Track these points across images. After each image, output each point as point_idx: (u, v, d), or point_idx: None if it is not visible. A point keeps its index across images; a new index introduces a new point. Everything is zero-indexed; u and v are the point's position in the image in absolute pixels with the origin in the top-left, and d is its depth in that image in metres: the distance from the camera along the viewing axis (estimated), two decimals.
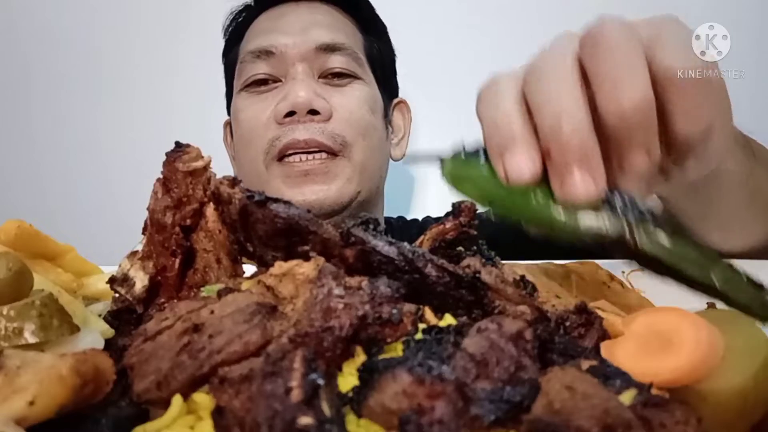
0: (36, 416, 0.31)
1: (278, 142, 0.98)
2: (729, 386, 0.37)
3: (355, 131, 1.02)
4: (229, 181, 0.48)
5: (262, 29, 1.07)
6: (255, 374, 0.32)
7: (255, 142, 1.01)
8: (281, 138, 0.98)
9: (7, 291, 0.39)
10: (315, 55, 1.02)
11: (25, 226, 0.49)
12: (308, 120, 0.98)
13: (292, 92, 0.98)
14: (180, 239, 0.48)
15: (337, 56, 1.03)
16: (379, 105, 1.11)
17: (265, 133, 1.00)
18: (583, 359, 0.37)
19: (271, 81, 1.04)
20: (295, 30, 1.03)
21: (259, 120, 1.02)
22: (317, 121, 0.98)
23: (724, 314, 0.44)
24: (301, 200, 0.95)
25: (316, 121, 0.98)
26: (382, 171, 1.13)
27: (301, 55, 1.02)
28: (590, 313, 0.44)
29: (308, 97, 0.97)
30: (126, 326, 0.47)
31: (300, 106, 0.97)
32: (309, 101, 0.97)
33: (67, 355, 0.34)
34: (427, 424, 0.30)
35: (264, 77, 1.04)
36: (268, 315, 0.37)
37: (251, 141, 1.02)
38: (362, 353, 0.36)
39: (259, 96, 1.04)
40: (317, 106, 0.98)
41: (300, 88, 0.98)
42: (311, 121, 0.98)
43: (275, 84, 1.04)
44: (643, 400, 0.32)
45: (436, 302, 0.43)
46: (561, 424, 0.30)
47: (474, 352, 0.34)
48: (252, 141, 1.02)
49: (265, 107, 1.02)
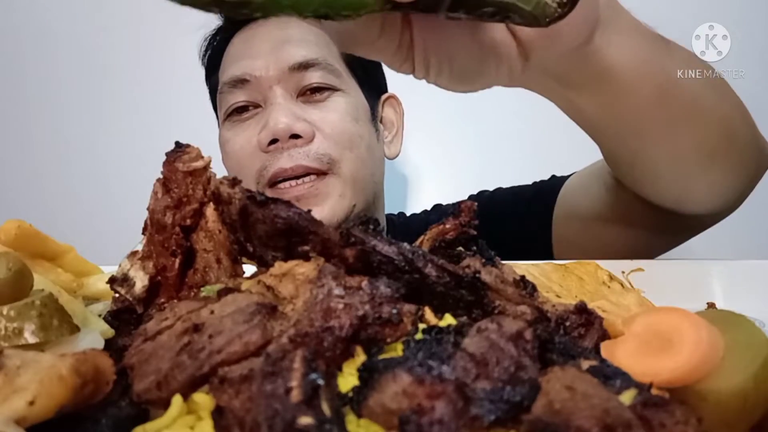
0: (36, 416, 0.31)
1: (266, 171, 0.99)
2: (729, 386, 0.37)
3: (341, 146, 1.01)
4: (229, 181, 0.48)
5: (235, 56, 1.06)
6: (255, 374, 0.33)
7: (244, 172, 1.01)
8: (268, 168, 0.98)
9: (7, 291, 0.39)
10: (290, 75, 1.01)
11: (25, 226, 0.49)
12: (291, 146, 0.97)
13: (271, 119, 0.97)
14: (180, 239, 0.48)
15: (312, 72, 1.02)
16: (364, 110, 1.10)
17: (252, 164, 1.00)
18: (583, 359, 0.37)
19: (251, 107, 1.04)
20: (266, 51, 1.02)
21: (245, 150, 1.02)
22: (300, 145, 0.98)
23: (724, 314, 0.44)
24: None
25: (299, 146, 0.98)
26: (376, 177, 1.11)
27: (276, 77, 1.01)
28: (590, 313, 0.44)
29: (288, 122, 0.96)
30: (126, 326, 0.46)
31: (280, 133, 0.96)
32: (289, 127, 0.96)
33: (67, 355, 0.34)
34: (427, 424, 0.30)
35: (243, 104, 1.04)
36: (268, 315, 0.37)
37: (240, 171, 1.02)
38: (362, 353, 0.36)
39: (242, 125, 1.04)
40: (298, 130, 0.97)
41: (279, 114, 0.97)
42: (294, 147, 0.98)
43: (256, 110, 1.04)
44: (643, 400, 0.32)
45: (436, 302, 0.43)
46: (561, 424, 0.30)
47: (474, 352, 0.34)
48: (241, 171, 1.02)
49: (249, 136, 1.02)
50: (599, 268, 0.62)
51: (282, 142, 0.97)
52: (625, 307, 0.55)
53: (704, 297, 0.62)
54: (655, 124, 0.66)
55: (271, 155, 0.98)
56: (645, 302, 0.58)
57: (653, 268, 0.66)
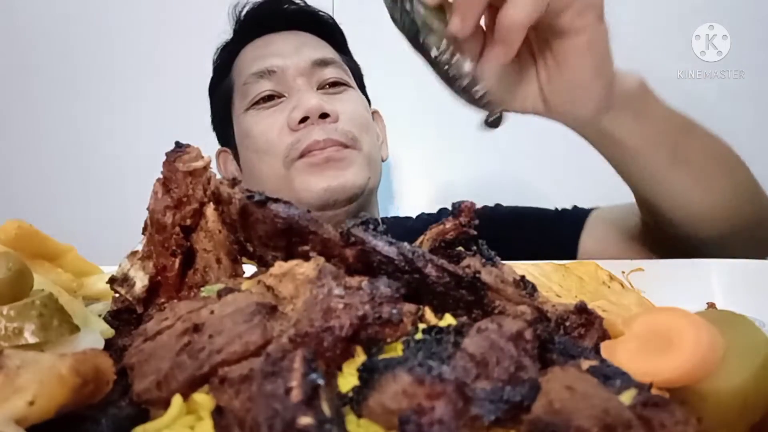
0: (36, 416, 0.31)
1: (299, 144, 1.08)
2: (729, 386, 0.37)
3: (360, 128, 1.14)
4: (229, 181, 0.48)
5: (257, 56, 1.19)
6: (255, 374, 0.32)
7: (273, 149, 1.11)
8: (301, 141, 1.08)
9: (7, 291, 0.39)
10: (311, 69, 1.15)
11: (25, 226, 0.49)
12: (320, 123, 1.09)
13: (303, 101, 1.10)
14: (180, 239, 0.48)
15: (330, 69, 1.17)
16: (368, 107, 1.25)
17: (281, 140, 1.11)
18: (583, 359, 0.37)
19: (275, 97, 1.15)
20: (289, 51, 1.17)
21: (274, 129, 1.12)
22: (328, 123, 1.09)
23: (724, 314, 0.44)
24: (324, 186, 1.07)
25: (327, 123, 1.09)
26: (380, 166, 1.24)
27: (300, 70, 1.14)
28: (590, 313, 0.44)
29: (318, 102, 1.09)
30: (126, 326, 0.47)
31: (313, 111, 1.08)
32: (320, 106, 1.09)
33: (67, 355, 0.33)
34: (427, 424, 0.30)
35: (269, 94, 1.15)
36: (268, 315, 0.37)
37: (269, 149, 1.12)
38: (362, 353, 0.36)
39: (267, 111, 1.15)
40: (327, 110, 1.09)
41: (309, 97, 1.10)
42: (323, 123, 1.09)
43: (279, 99, 1.15)
44: (643, 400, 0.32)
45: (436, 302, 0.43)
46: (561, 424, 0.30)
47: (474, 352, 0.34)
48: (270, 149, 1.12)
49: (276, 119, 1.13)
50: (599, 268, 0.62)
51: (312, 120, 1.09)
52: (625, 307, 0.55)
53: (704, 297, 0.62)
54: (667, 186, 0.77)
55: (301, 132, 1.09)
56: (645, 302, 0.58)
57: (653, 268, 0.66)
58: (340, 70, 1.19)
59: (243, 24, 1.26)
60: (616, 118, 0.69)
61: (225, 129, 1.26)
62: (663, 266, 0.68)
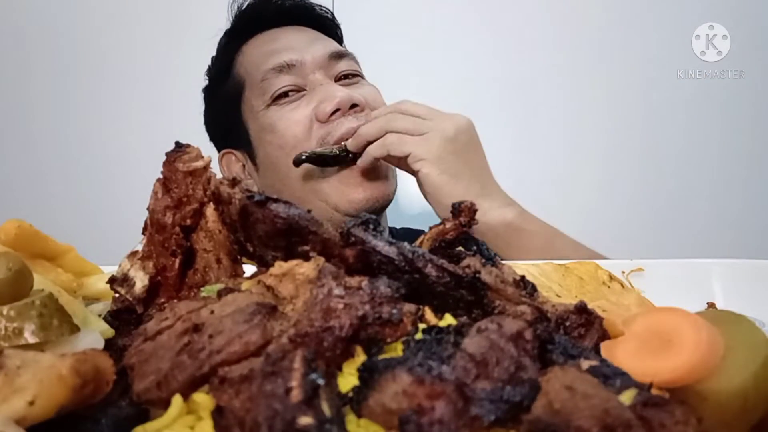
0: (36, 416, 0.31)
1: (331, 136, 1.09)
2: (729, 386, 0.37)
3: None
4: (229, 181, 0.48)
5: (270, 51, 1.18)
6: (255, 374, 0.32)
7: (301, 144, 1.11)
8: (333, 132, 1.09)
9: (7, 291, 0.39)
10: (328, 62, 1.16)
11: (25, 226, 0.49)
12: (350, 113, 1.10)
13: (330, 93, 1.10)
14: (180, 239, 0.48)
15: (345, 61, 1.19)
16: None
17: (310, 134, 1.11)
18: (583, 359, 0.37)
19: (294, 92, 1.15)
20: (303, 45, 1.17)
21: (301, 124, 1.12)
22: (358, 112, 1.11)
23: (724, 314, 0.44)
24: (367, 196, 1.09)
25: (357, 112, 1.11)
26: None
27: (318, 63, 1.15)
28: (590, 313, 0.44)
29: (348, 93, 1.10)
30: (126, 326, 0.46)
31: (343, 102, 1.09)
32: (350, 96, 1.10)
33: (67, 355, 0.34)
34: (427, 424, 0.30)
35: (289, 89, 1.15)
36: (268, 315, 0.37)
37: (297, 144, 1.11)
38: (362, 353, 0.36)
39: (290, 105, 1.14)
40: (357, 100, 1.11)
41: (336, 89, 1.12)
42: (353, 113, 1.10)
43: (300, 93, 1.15)
44: (643, 400, 0.32)
45: (436, 302, 0.43)
46: (561, 424, 0.30)
47: (474, 352, 0.34)
48: (297, 144, 1.11)
49: (301, 113, 1.13)
50: (599, 268, 0.62)
51: (342, 111, 1.10)
52: (625, 307, 0.55)
53: (704, 297, 0.62)
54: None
55: (334, 123, 1.10)
56: (645, 302, 0.58)
57: (653, 268, 0.66)
58: (353, 62, 1.21)
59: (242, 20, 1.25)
60: (485, 236, 0.92)
61: (231, 130, 1.23)
62: (663, 266, 0.68)
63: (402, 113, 1.01)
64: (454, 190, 0.95)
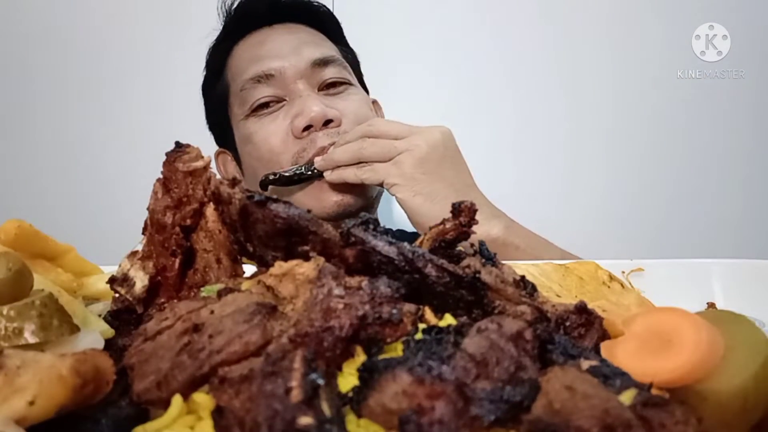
0: (36, 416, 0.31)
1: (305, 153, 1.07)
2: (729, 386, 0.37)
3: None
4: (229, 181, 0.48)
5: (252, 57, 1.15)
6: (255, 374, 0.33)
7: (277, 158, 1.10)
8: (307, 149, 1.07)
9: (7, 291, 0.39)
10: (311, 71, 1.12)
11: (25, 226, 0.49)
12: (324, 129, 1.07)
13: (305, 108, 1.07)
14: (180, 239, 0.48)
15: (330, 68, 1.14)
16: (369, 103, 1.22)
17: (286, 148, 1.09)
18: (583, 359, 0.37)
19: (275, 102, 1.12)
20: (287, 52, 1.13)
21: (277, 137, 1.10)
22: (331, 128, 1.08)
23: (724, 314, 0.44)
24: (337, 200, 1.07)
25: (331, 128, 1.08)
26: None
27: (299, 72, 1.11)
28: (590, 313, 0.44)
29: (322, 109, 1.07)
30: (126, 326, 0.46)
31: (316, 119, 1.06)
32: (323, 113, 1.07)
33: (67, 355, 0.34)
34: (427, 424, 0.30)
35: (268, 99, 1.12)
36: (268, 315, 0.37)
37: (272, 158, 1.10)
38: (362, 353, 0.36)
39: (269, 117, 1.12)
40: (331, 116, 1.08)
41: (312, 103, 1.07)
42: (327, 129, 1.07)
43: (280, 104, 1.12)
44: (643, 400, 0.32)
45: (436, 302, 0.43)
46: (561, 424, 0.30)
47: (474, 352, 0.34)
48: (273, 158, 1.10)
49: (278, 125, 1.10)
50: (599, 268, 0.62)
51: (316, 127, 1.07)
52: (625, 307, 0.55)
53: (704, 297, 0.62)
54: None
55: (307, 139, 1.08)
56: (645, 302, 0.58)
57: (653, 268, 0.66)
58: (340, 68, 1.16)
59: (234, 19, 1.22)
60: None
61: (223, 131, 1.24)
62: (663, 266, 0.68)
63: (373, 136, 0.99)
64: (431, 210, 0.93)
